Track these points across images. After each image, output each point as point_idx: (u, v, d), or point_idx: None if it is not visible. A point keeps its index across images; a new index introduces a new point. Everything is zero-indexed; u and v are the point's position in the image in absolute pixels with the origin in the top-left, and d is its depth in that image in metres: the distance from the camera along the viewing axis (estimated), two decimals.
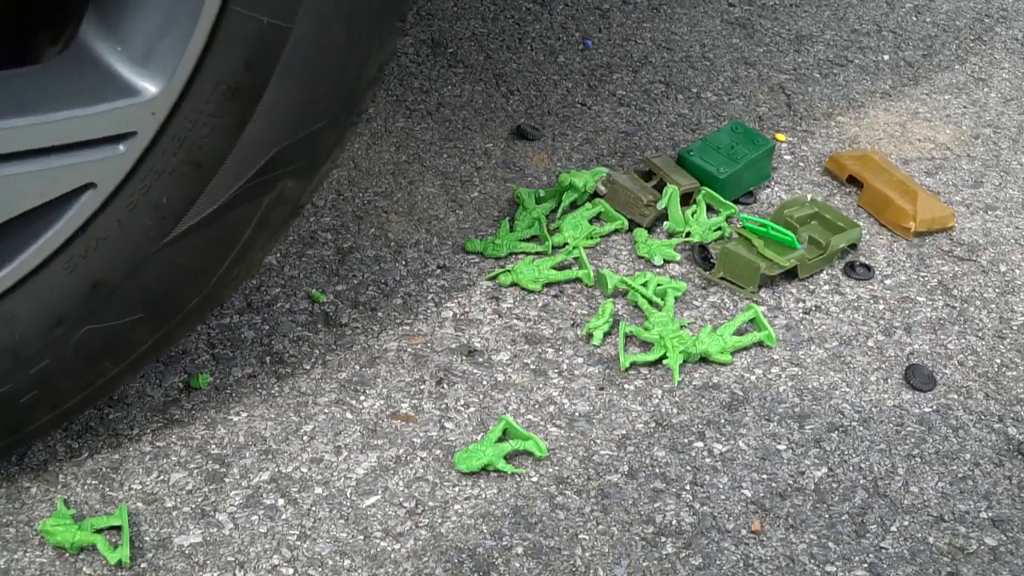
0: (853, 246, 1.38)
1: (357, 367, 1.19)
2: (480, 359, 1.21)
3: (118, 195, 0.91)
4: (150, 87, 0.88)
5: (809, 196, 1.43)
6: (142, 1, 0.87)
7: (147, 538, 1.01)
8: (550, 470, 1.10)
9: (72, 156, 0.88)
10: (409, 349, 1.22)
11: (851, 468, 1.12)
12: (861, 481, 1.10)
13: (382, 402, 1.16)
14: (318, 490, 1.07)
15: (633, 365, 1.21)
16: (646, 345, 1.23)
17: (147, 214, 0.92)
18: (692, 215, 1.39)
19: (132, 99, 0.88)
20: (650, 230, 1.39)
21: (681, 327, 1.23)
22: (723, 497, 1.08)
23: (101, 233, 0.92)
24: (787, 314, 1.30)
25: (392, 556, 1.01)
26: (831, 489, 1.09)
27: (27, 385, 0.97)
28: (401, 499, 1.06)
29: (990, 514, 1.08)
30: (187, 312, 1.00)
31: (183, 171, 0.91)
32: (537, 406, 1.16)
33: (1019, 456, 1.14)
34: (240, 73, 0.88)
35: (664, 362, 1.21)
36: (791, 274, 1.33)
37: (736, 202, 1.43)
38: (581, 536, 1.04)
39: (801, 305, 1.31)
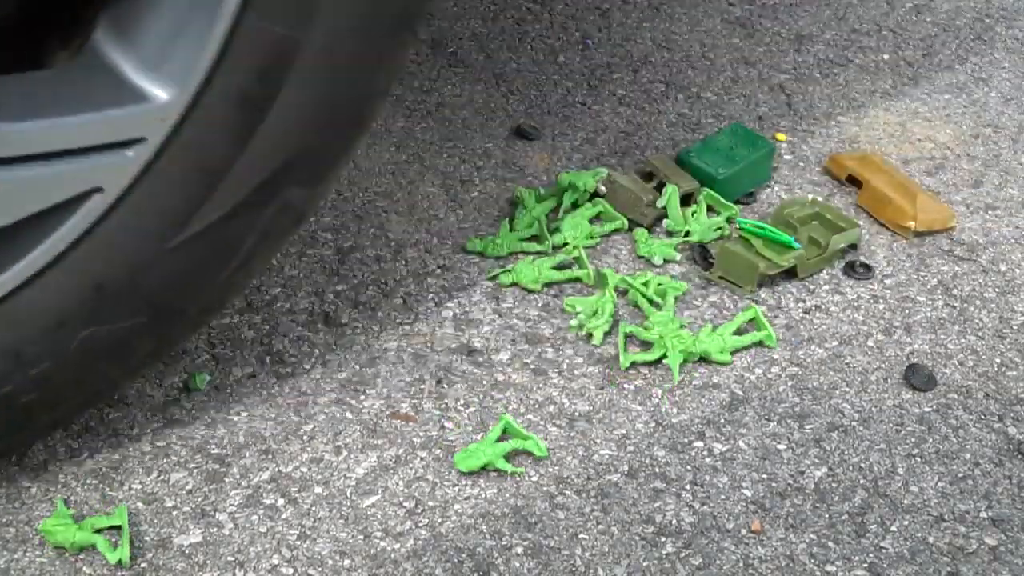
0: (853, 246, 1.38)
1: (357, 367, 1.19)
2: (480, 359, 1.21)
3: (125, 200, 0.91)
4: (161, 94, 0.88)
5: (809, 196, 1.43)
6: (156, 7, 0.87)
7: (147, 538, 1.01)
8: (550, 470, 1.10)
9: (81, 160, 0.88)
10: (409, 349, 1.22)
11: (851, 468, 1.12)
12: (861, 481, 1.10)
13: (382, 402, 1.16)
14: (318, 490, 1.07)
15: (633, 364, 1.21)
16: (647, 345, 1.23)
17: (153, 219, 0.92)
18: (692, 215, 1.40)
19: (142, 105, 0.88)
20: (650, 230, 1.39)
21: (681, 327, 1.23)
22: (723, 497, 1.08)
23: (107, 237, 0.92)
24: (787, 314, 1.30)
25: (392, 556, 1.01)
26: (831, 489, 1.09)
27: (27, 387, 0.97)
28: (401, 499, 1.06)
29: (990, 514, 1.08)
30: (189, 317, 1.00)
31: (190, 178, 0.91)
32: (537, 406, 1.16)
33: (1019, 456, 1.14)
34: (252, 82, 0.89)
35: (664, 361, 1.21)
36: (791, 274, 1.33)
37: (736, 202, 1.43)
38: (581, 536, 1.04)
39: (801, 305, 1.31)
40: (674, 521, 1.05)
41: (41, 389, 0.98)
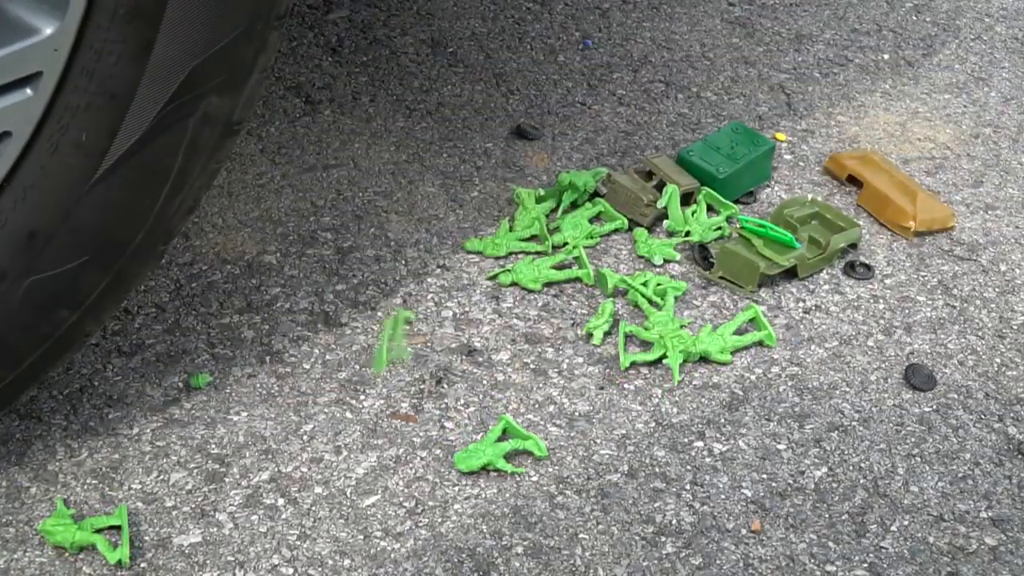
0: (853, 246, 1.38)
1: (357, 367, 1.19)
2: (480, 359, 1.21)
3: (36, 140, 0.89)
4: (47, 25, 0.85)
5: (809, 196, 1.43)
6: None
7: (147, 538, 1.01)
8: (550, 470, 1.10)
9: None
10: (409, 349, 1.22)
11: (851, 468, 1.12)
12: (861, 481, 1.10)
13: (382, 402, 1.16)
14: (318, 490, 1.07)
15: (633, 364, 1.21)
16: (647, 345, 1.23)
17: (70, 155, 0.90)
18: (692, 215, 1.39)
19: (32, 39, 0.85)
20: (650, 230, 1.39)
21: (681, 327, 1.23)
22: (723, 497, 1.08)
23: (26, 181, 0.90)
24: (787, 314, 1.30)
25: (392, 556, 1.01)
26: (831, 489, 1.09)
27: None
28: (401, 499, 1.06)
29: (990, 514, 1.08)
30: (134, 249, 0.97)
31: (98, 104, 0.89)
32: (537, 406, 1.16)
33: (1019, 456, 1.14)
34: None
35: (664, 361, 1.21)
36: (791, 274, 1.33)
37: (736, 202, 1.43)
38: (581, 536, 1.04)
39: (801, 305, 1.31)
40: (674, 521, 1.05)
41: None
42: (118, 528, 1.02)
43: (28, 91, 0.87)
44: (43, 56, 0.86)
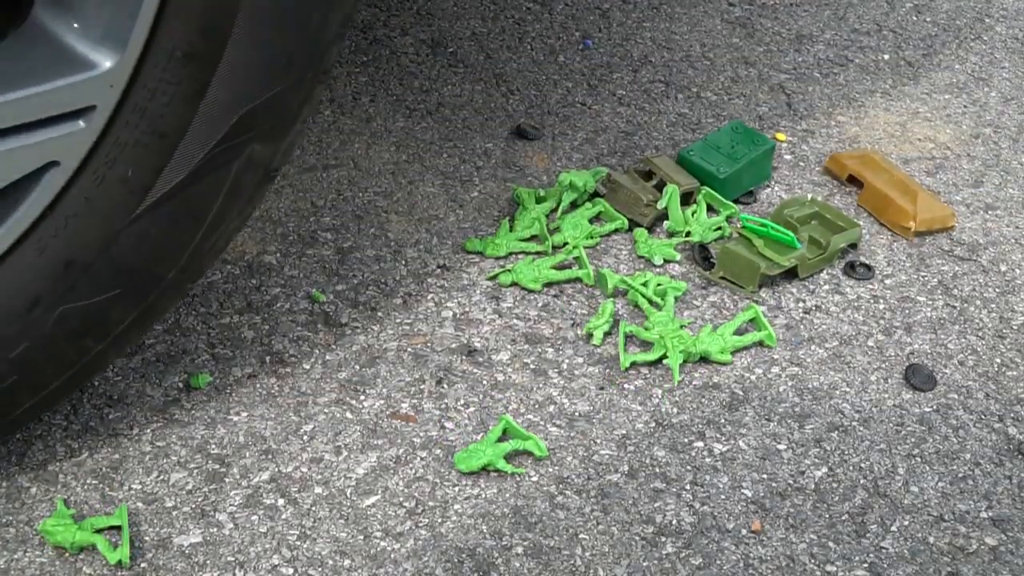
0: (853, 246, 1.38)
1: (357, 367, 1.19)
2: (480, 359, 1.21)
3: (83, 171, 0.90)
4: (105, 60, 0.87)
5: (809, 196, 1.43)
6: None
7: (147, 538, 1.01)
8: (550, 470, 1.10)
9: (32, 135, 0.87)
10: (409, 349, 1.22)
11: (851, 468, 1.12)
12: (861, 481, 1.10)
13: (382, 402, 1.16)
14: (318, 490, 1.07)
15: (633, 365, 1.21)
16: (647, 345, 1.23)
17: (114, 188, 0.91)
18: (692, 215, 1.39)
19: (88, 73, 0.87)
20: (650, 230, 1.39)
21: (681, 327, 1.23)
22: (723, 497, 1.08)
23: (69, 211, 0.91)
24: (787, 314, 1.30)
25: (392, 556, 1.01)
26: (831, 489, 1.09)
27: (6, 370, 0.96)
28: (401, 499, 1.06)
29: (990, 514, 1.08)
30: (165, 285, 0.99)
31: (147, 142, 0.90)
32: (537, 406, 1.16)
33: (1019, 456, 1.14)
34: (195, 38, 0.87)
35: (664, 362, 1.21)
36: (791, 274, 1.33)
37: (736, 202, 1.43)
38: (581, 536, 1.04)
39: (801, 305, 1.31)
40: (674, 521, 1.05)
41: (23, 371, 0.97)
42: (118, 528, 1.02)
43: (80, 123, 0.88)
44: (98, 90, 0.88)
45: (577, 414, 1.16)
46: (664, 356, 1.21)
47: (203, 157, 0.93)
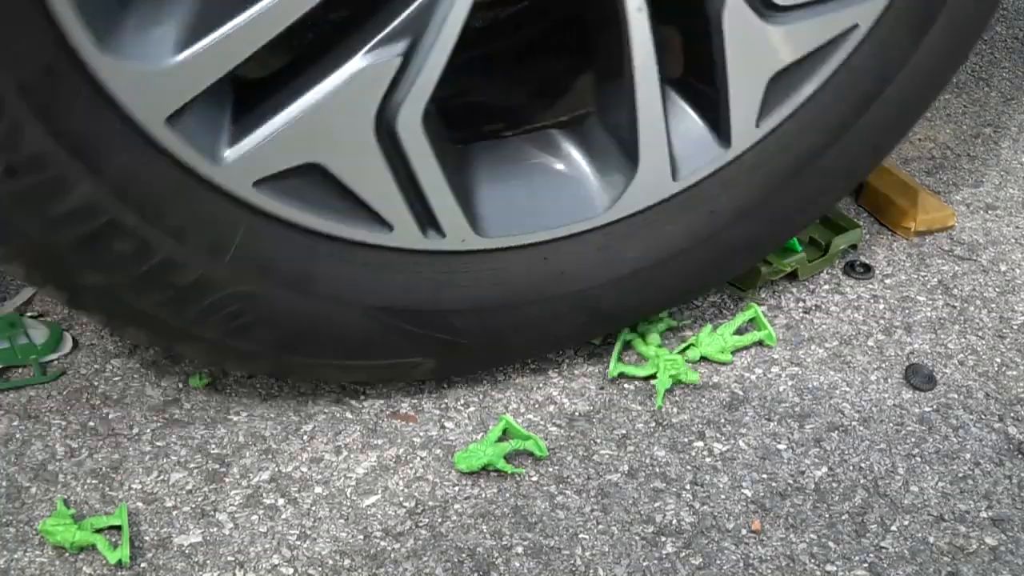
0: (853, 246, 1.38)
1: None
2: None
3: (871, 33, 1.11)
4: None
5: None
6: None
7: (147, 538, 1.01)
8: (550, 470, 1.10)
9: (845, 4, 1.08)
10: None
11: (851, 468, 1.12)
12: (861, 481, 1.10)
13: (382, 402, 1.16)
14: (318, 490, 1.07)
15: (621, 376, 1.20)
16: (643, 360, 1.23)
17: (892, 43, 1.12)
18: None
19: None
20: None
21: (682, 351, 1.21)
22: (723, 497, 1.08)
23: (857, 64, 1.12)
24: (787, 314, 1.29)
25: (392, 556, 1.01)
26: (831, 489, 1.09)
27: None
28: (401, 499, 1.06)
29: (990, 514, 1.08)
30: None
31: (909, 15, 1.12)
32: (537, 406, 1.16)
33: (1019, 455, 1.14)
34: None
35: (652, 382, 1.19)
36: (791, 275, 1.33)
37: None
38: (581, 536, 1.04)
39: (801, 305, 1.31)
40: (674, 521, 1.05)
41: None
42: (118, 528, 1.02)
43: None
44: None
45: (577, 414, 1.16)
46: (653, 376, 1.19)
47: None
